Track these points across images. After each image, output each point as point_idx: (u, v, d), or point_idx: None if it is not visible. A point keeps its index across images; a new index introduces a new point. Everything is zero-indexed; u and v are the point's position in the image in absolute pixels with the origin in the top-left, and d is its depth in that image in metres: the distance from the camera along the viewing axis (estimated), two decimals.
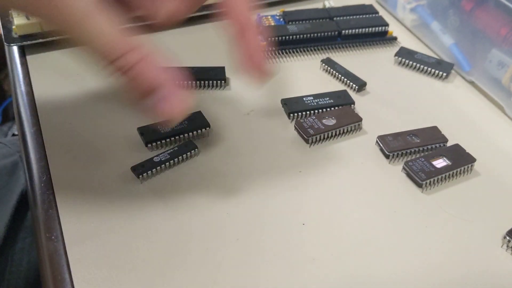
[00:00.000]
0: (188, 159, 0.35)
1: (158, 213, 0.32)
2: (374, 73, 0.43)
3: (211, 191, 0.33)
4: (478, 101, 0.41)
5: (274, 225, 0.31)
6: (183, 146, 0.35)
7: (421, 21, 0.47)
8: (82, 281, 0.28)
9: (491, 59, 0.40)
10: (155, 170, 0.33)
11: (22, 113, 0.39)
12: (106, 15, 0.28)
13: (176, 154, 0.34)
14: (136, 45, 0.29)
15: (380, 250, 0.30)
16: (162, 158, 0.34)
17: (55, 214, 0.31)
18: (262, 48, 0.32)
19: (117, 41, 0.28)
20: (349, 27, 0.45)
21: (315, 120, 0.37)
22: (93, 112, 0.38)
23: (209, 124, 0.37)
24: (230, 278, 0.29)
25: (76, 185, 0.33)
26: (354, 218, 0.32)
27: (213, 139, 0.37)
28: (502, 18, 0.39)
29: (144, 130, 0.36)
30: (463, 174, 0.35)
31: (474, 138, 0.38)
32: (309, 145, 0.36)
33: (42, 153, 0.35)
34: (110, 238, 0.30)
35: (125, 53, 0.28)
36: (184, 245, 0.30)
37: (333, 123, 0.37)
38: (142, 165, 0.33)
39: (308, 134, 0.36)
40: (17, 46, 0.44)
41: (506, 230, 0.31)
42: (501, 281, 0.29)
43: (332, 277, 0.29)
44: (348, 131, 0.37)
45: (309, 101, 0.38)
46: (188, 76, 0.40)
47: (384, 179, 0.34)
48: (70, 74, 0.42)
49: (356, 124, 0.37)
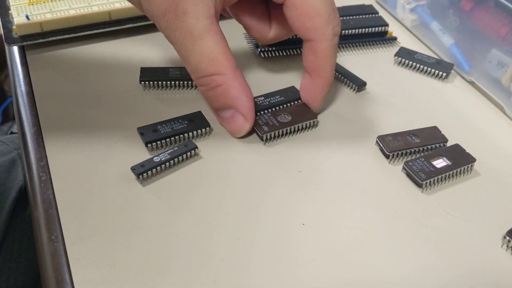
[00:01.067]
0: (188, 159, 0.35)
1: (158, 213, 0.32)
2: (374, 73, 0.43)
3: (211, 191, 0.33)
4: (478, 101, 0.41)
5: (274, 225, 0.31)
6: (182, 146, 0.35)
7: (421, 21, 0.47)
8: (82, 281, 0.28)
9: (491, 59, 0.40)
10: (155, 170, 0.33)
11: (22, 113, 0.39)
12: (215, 37, 0.33)
13: (176, 154, 0.34)
14: (225, 70, 0.33)
15: (380, 250, 0.30)
16: (162, 158, 0.34)
17: (55, 214, 0.31)
18: (322, 96, 0.38)
19: (211, 64, 0.33)
20: (349, 27, 0.45)
21: (270, 117, 0.37)
22: (93, 112, 0.38)
23: (209, 124, 0.37)
24: (230, 278, 0.29)
25: (76, 185, 0.33)
26: (354, 218, 0.32)
27: (213, 139, 0.37)
28: (502, 18, 0.39)
29: (144, 130, 0.36)
30: (463, 174, 0.35)
31: (474, 138, 0.38)
32: (264, 143, 0.36)
33: (42, 153, 0.35)
34: (110, 238, 0.30)
35: (212, 75, 0.33)
36: (184, 245, 0.30)
37: (288, 120, 0.37)
38: (142, 165, 0.33)
39: (270, 128, 0.36)
40: (17, 46, 0.44)
41: (506, 230, 0.31)
42: (501, 281, 0.29)
43: (332, 277, 0.29)
44: (304, 128, 0.37)
45: (261, 101, 0.38)
46: (188, 76, 0.41)
47: (384, 179, 0.34)
48: (70, 74, 0.42)
49: (312, 121, 0.37)
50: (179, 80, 0.40)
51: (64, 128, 0.37)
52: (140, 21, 0.46)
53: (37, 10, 0.44)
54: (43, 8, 0.45)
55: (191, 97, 0.40)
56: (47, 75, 0.42)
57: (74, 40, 0.45)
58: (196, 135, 0.36)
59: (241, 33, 0.47)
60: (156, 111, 0.38)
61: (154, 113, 0.38)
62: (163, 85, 0.40)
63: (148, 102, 0.39)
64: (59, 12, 0.44)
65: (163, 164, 0.34)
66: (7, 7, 0.46)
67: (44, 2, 0.45)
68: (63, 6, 0.45)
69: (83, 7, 0.45)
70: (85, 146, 0.36)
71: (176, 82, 0.40)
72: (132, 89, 0.41)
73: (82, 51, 0.44)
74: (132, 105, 0.39)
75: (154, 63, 0.43)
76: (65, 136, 0.36)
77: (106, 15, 0.45)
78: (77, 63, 0.43)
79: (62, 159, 0.35)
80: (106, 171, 0.34)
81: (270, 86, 0.40)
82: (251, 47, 0.45)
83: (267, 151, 0.36)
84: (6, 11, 0.46)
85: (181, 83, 0.40)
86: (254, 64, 0.44)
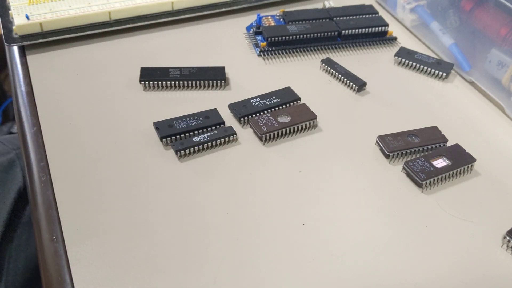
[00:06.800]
0: (188, 159, 0.35)
1: (157, 213, 0.32)
2: (374, 73, 0.43)
3: (211, 191, 0.33)
4: (478, 101, 0.41)
5: (274, 225, 0.31)
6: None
7: (421, 21, 0.47)
8: (82, 281, 0.28)
9: (491, 59, 0.40)
10: (155, 170, 0.34)
11: (22, 113, 0.39)
12: None
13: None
14: None
15: (380, 250, 0.30)
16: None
17: (55, 214, 0.31)
18: None
19: None
20: (349, 27, 0.45)
21: (270, 118, 0.37)
22: (93, 112, 0.38)
23: (224, 121, 0.37)
24: (230, 278, 0.29)
25: (76, 185, 0.33)
26: (354, 218, 0.32)
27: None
28: (502, 18, 0.39)
29: (160, 125, 0.36)
30: (463, 174, 0.35)
31: (474, 138, 0.38)
32: (263, 143, 0.36)
33: (42, 153, 0.35)
34: (110, 238, 0.30)
35: None
36: (184, 245, 0.30)
37: (287, 120, 0.37)
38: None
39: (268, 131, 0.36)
40: (17, 46, 0.44)
41: (506, 230, 0.31)
42: (501, 281, 0.29)
43: (332, 277, 0.29)
44: (303, 128, 0.37)
45: (256, 102, 0.38)
46: (188, 76, 0.41)
47: (384, 179, 0.34)
48: (70, 74, 0.42)
49: (311, 121, 0.37)
50: (179, 80, 0.40)
51: (64, 128, 0.37)
52: (140, 21, 0.46)
53: (37, 10, 0.44)
54: (43, 8, 0.45)
55: (191, 97, 0.40)
56: (47, 75, 0.42)
57: (74, 40, 0.45)
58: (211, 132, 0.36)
59: (241, 33, 0.47)
60: (156, 111, 0.38)
61: (154, 113, 0.38)
62: (163, 85, 0.41)
63: (148, 102, 0.39)
64: (59, 12, 0.44)
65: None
66: (7, 7, 0.46)
67: (44, 2, 0.45)
68: (63, 6, 0.45)
69: (83, 7, 0.45)
70: (85, 146, 0.36)
71: (176, 82, 0.40)
72: (132, 89, 0.41)
73: (82, 51, 0.44)
74: (132, 105, 0.39)
75: (154, 63, 0.43)
76: (65, 136, 0.36)
77: (106, 15, 0.45)
78: (77, 63, 0.43)
79: (62, 159, 0.35)
80: (106, 172, 0.34)
81: (269, 86, 0.40)
82: (251, 47, 0.45)
83: (267, 151, 0.36)
84: (6, 11, 0.46)
85: (181, 83, 0.40)
86: (254, 63, 0.44)
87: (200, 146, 0.35)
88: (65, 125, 0.37)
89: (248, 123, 0.38)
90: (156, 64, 0.42)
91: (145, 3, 0.46)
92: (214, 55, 0.44)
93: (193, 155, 0.35)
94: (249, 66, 0.43)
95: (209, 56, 0.44)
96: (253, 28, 0.46)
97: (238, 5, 0.49)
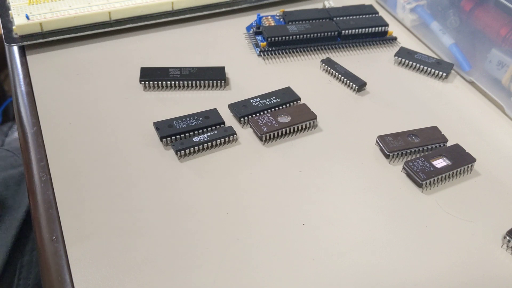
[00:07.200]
0: (188, 159, 0.35)
1: (157, 213, 0.32)
2: (374, 73, 0.43)
3: (211, 191, 0.33)
4: (478, 101, 0.41)
5: (274, 225, 0.31)
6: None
7: (421, 21, 0.47)
8: (82, 281, 0.28)
9: (491, 59, 0.40)
10: (155, 170, 0.34)
11: (22, 113, 0.39)
12: None
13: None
14: None
15: (380, 250, 0.30)
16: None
17: (55, 215, 0.31)
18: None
19: None
20: (349, 27, 0.45)
21: (270, 118, 0.37)
22: (93, 112, 0.38)
23: (224, 121, 0.37)
24: (230, 278, 0.29)
25: (76, 185, 0.33)
26: (354, 218, 0.32)
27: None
28: (502, 18, 0.39)
29: (160, 125, 0.36)
30: (463, 174, 0.35)
31: (474, 138, 0.38)
32: (263, 143, 0.36)
33: (42, 153, 0.35)
34: (110, 238, 0.30)
35: None
36: (184, 245, 0.30)
37: (287, 120, 0.37)
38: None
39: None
40: (17, 46, 0.44)
41: (506, 230, 0.31)
42: (501, 281, 0.29)
43: (332, 277, 0.29)
44: (303, 128, 0.37)
45: (256, 102, 0.38)
46: (188, 76, 0.41)
47: (384, 179, 0.34)
48: (70, 74, 0.42)
49: (311, 121, 0.37)
50: (179, 80, 0.40)
51: (64, 128, 0.37)
52: (140, 21, 0.46)
53: (37, 10, 0.44)
54: (43, 8, 0.45)
55: (191, 97, 0.40)
56: (47, 75, 0.42)
57: (74, 40, 0.45)
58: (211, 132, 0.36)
59: (241, 33, 0.47)
60: (156, 111, 0.38)
61: (154, 113, 0.38)
62: (163, 85, 0.41)
63: (148, 102, 0.39)
64: (59, 12, 0.44)
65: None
66: (7, 7, 0.46)
67: (44, 2, 0.45)
68: (63, 6, 0.45)
69: (83, 7, 0.45)
70: (85, 146, 0.36)
71: (176, 82, 0.40)
72: (132, 89, 0.41)
73: (82, 51, 0.44)
74: (132, 105, 0.39)
75: (154, 63, 0.43)
76: (65, 136, 0.36)
77: (106, 15, 0.45)
78: (77, 63, 0.43)
79: (62, 159, 0.35)
80: (106, 171, 0.34)
81: (269, 86, 0.40)
82: (251, 47, 0.45)
83: (267, 151, 0.36)
84: (6, 11, 0.46)
85: (181, 83, 0.40)
86: (254, 63, 0.44)
87: (200, 146, 0.35)
88: (65, 125, 0.37)
89: (248, 123, 0.38)
90: (156, 64, 0.42)
91: (145, 3, 0.46)
92: (214, 55, 0.44)
93: (193, 155, 0.35)
94: (249, 66, 0.43)
95: (209, 56, 0.44)
96: (253, 28, 0.46)
97: (238, 5, 0.49)
